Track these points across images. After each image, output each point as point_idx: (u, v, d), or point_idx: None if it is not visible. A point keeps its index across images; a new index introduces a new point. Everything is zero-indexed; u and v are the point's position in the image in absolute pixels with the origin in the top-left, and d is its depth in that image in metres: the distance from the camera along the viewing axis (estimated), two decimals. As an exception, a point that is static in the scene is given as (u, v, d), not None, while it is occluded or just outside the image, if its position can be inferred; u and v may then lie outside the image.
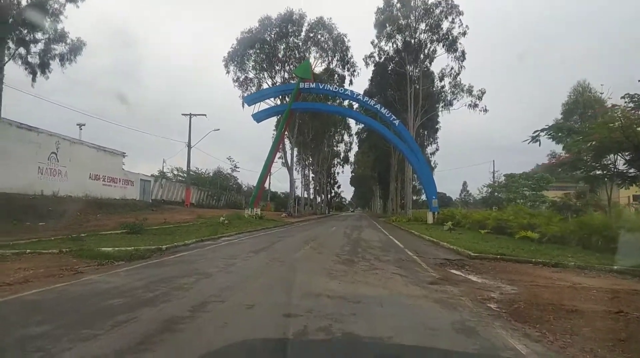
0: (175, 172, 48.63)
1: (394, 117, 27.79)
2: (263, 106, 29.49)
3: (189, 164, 36.42)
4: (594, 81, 46.34)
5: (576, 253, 9.58)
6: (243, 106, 30.47)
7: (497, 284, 6.35)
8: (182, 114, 35.25)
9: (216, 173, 54.46)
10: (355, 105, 33.01)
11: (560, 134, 14.18)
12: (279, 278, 6.31)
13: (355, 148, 60.77)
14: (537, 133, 14.09)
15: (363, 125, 44.25)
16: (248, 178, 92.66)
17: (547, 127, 14.46)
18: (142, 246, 10.08)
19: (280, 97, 32.03)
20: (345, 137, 56.58)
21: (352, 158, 65.59)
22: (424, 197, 66.94)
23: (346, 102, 35.59)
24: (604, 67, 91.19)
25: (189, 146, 35.13)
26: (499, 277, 6.97)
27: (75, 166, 24.11)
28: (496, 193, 27.40)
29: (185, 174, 39.41)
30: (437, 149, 47.70)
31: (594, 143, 12.77)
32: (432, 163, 45.14)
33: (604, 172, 13.81)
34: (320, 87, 29.65)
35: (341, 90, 30.31)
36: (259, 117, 28.79)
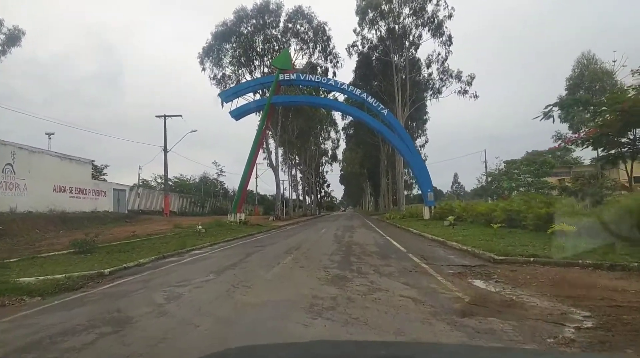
0: (159, 180, 46.25)
1: (382, 106, 25.78)
2: (242, 102, 27.34)
3: (166, 170, 34.12)
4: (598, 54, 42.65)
5: (622, 248, 7.65)
6: (222, 105, 28.18)
7: (557, 307, 4.31)
8: (156, 116, 32.96)
9: (202, 179, 52.09)
10: (341, 98, 30.91)
11: (575, 107, 12.24)
12: (231, 321, 4.15)
13: (343, 145, 58.95)
14: (549, 108, 12.15)
15: (350, 119, 42.34)
16: (235, 182, 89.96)
17: (559, 101, 12.57)
18: (79, 271, 7.91)
19: (260, 92, 29.84)
20: (332, 134, 54.71)
21: (340, 156, 63.66)
22: (414, 192, 65.24)
23: (331, 95, 33.46)
24: (604, 46, 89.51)
25: (165, 150, 32.79)
26: (551, 293, 4.94)
27: (37, 177, 21.76)
28: (496, 182, 25.57)
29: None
30: (426, 141, 46.23)
31: (617, 114, 10.89)
32: (422, 156, 43.40)
33: (629, 148, 11.95)
34: (302, 78, 27.39)
35: (324, 80, 28.12)
36: (237, 113, 26.56)
